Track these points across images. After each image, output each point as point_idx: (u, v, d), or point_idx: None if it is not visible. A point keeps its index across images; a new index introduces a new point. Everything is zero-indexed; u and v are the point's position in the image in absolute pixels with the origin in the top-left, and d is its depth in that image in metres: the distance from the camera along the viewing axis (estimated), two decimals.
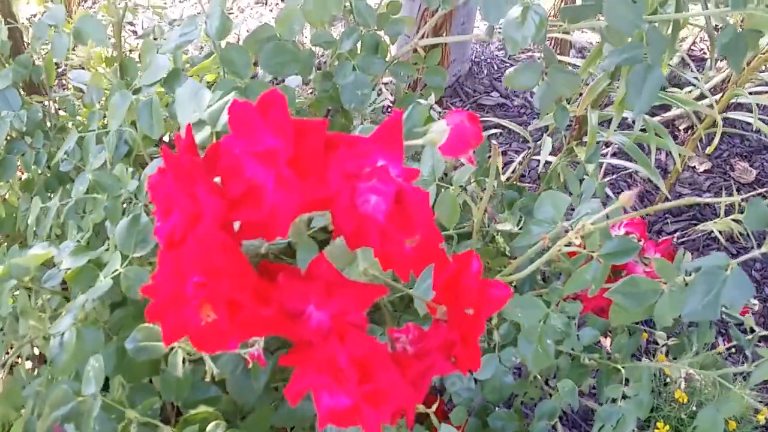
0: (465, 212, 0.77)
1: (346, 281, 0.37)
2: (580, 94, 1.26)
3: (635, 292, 0.65)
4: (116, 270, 0.65)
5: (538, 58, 0.86)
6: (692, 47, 2.15)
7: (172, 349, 0.63)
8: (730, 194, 1.77)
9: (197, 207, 0.34)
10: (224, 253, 0.33)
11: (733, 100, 1.48)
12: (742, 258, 0.61)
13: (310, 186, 0.35)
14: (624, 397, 0.81)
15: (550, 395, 0.86)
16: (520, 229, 0.79)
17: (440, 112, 1.25)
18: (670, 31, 0.90)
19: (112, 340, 0.70)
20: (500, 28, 0.88)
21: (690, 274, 0.66)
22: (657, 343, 0.92)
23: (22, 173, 1.11)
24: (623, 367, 0.82)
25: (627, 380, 0.83)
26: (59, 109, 1.09)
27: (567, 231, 0.61)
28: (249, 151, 0.35)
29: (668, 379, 1.26)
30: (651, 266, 0.73)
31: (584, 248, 0.67)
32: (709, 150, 1.52)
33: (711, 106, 1.27)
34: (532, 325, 0.70)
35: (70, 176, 0.97)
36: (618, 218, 0.58)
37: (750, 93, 1.44)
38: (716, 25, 0.94)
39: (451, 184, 0.72)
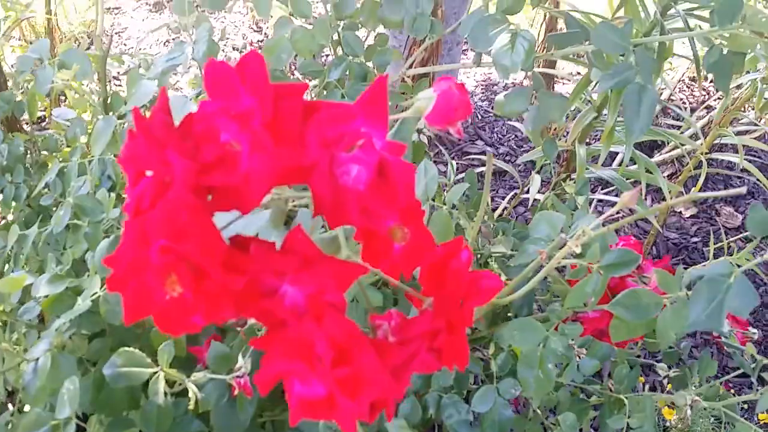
0: (457, 234, 0.75)
1: (325, 257, 0.34)
2: (567, 132, 1.26)
3: (637, 305, 0.63)
4: (95, 293, 0.62)
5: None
6: (671, 98, 2.18)
7: (153, 374, 0.60)
8: (718, 238, 1.76)
9: (168, 171, 0.32)
10: (193, 216, 0.31)
11: (716, 141, 1.50)
12: (745, 266, 0.59)
13: (288, 151, 0.33)
14: (628, 429, 0.78)
15: (551, 431, 0.82)
16: (515, 253, 0.77)
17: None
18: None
19: (89, 373, 0.66)
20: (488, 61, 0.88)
21: (691, 288, 0.64)
22: (658, 374, 0.89)
23: (3, 218, 1.08)
24: (626, 398, 0.79)
25: (629, 414, 0.80)
26: (41, 149, 1.07)
27: (565, 243, 0.59)
28: (224, 112, 0.33)
29: (668, 423, 1.22)
30: (650, 286, 0.71)
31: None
32: (695, 189, 1.53)
33: (698, 139, 1.27)
34: (531, 349, 0.68)
35: (50, 213, 0.94)
36: (620, 223, 0.57)
37: (736, 133, 1.46)
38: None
39: (444, 204, 0.71)
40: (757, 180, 1.67)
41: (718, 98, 2.13)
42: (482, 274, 0.40)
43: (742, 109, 1.46)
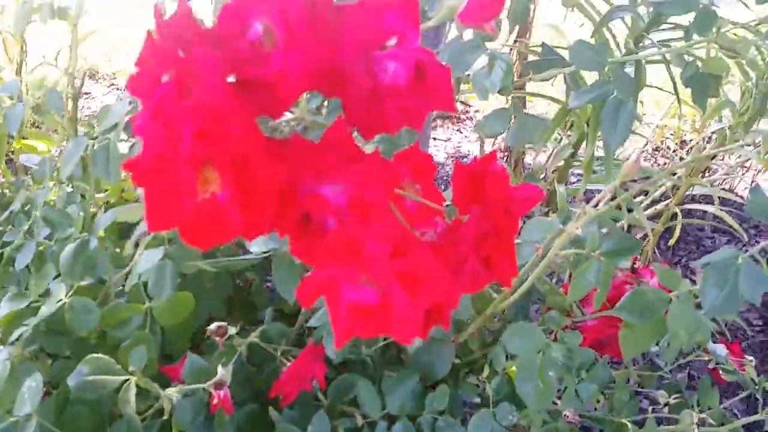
0: None
1: (368, 156, 0.31)
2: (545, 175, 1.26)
3: (643, 305, 0.60)
4: (60, 300, 0.57)
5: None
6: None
7: (124, 383, 0.54)
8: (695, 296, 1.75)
9: (194, 67, 0.29)
10: (230, 100, 0.27)
11: (688, 192, 1.51)
12: (751, 251, 0.57)
13: (324, 47, 0.30)
14: None
15: None
16: None
17: None
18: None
19: (51, 394, 0.60)
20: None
21: (695, 283, 0.62)
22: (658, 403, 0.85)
23: None
24: (629, 422, 0.74)
25: None
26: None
27: (563, 232, 0.57)
28: (253, 7, 0.30)
29: None
30: None
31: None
32: (671, 242, 1.53)
33: (679, 177, 1.29)
34: (530, 357, 0.64)
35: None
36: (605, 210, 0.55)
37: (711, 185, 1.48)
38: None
39: None
40: (729, 239, 1.69)
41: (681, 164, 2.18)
42: (519, 186, 0.37)
43: (712, 159, 1.49)
